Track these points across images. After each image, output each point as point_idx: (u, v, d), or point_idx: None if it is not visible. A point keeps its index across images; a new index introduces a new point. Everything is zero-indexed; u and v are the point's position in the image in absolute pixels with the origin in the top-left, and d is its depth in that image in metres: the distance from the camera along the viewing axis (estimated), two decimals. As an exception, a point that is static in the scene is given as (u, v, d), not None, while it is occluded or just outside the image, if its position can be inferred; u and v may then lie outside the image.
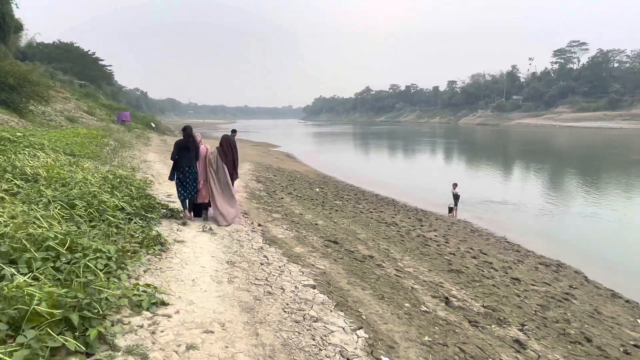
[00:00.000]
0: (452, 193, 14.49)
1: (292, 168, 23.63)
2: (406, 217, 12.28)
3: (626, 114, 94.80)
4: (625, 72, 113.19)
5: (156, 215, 5.95)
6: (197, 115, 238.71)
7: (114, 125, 34.54)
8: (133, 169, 11.79)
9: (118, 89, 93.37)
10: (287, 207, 10.15)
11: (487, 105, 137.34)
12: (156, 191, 9.17)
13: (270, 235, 6.86)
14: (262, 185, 13.52)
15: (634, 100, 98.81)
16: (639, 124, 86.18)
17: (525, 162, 32.81)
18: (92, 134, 19.64)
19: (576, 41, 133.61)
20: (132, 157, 15.82)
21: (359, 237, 8.30)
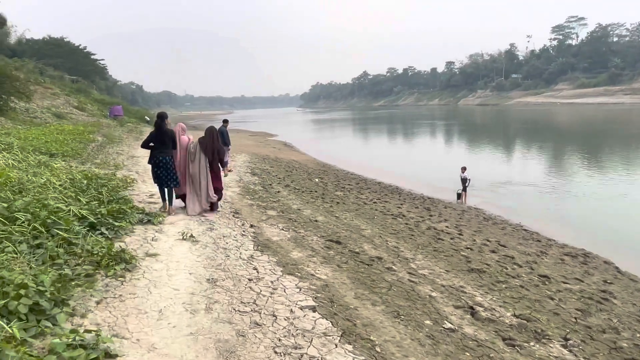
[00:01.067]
0: (460, 178, 13.59)
1: (290, 158, 22.72)
2: (413, 207, 11.41)
3: (627, 89, 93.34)
4: (625, 46, 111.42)
5: (126, 223, 5.07)
6: (194, 107, 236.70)
7: (105, 120, 33.53)
8: (116, 166, 10.90)
9: (112, 84, 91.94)
10: (284, 202, 9.28)
11: (486, 85, 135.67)
12: (137, 191, 8.30)
13: (263, 238, 5.99)
14: (258, 178, 12.63)
15: (634, 74, 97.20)
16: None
17: (528, 142, 31.82)
18: (78, 130, 18.71)
19: (574, 16, 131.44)
20: (119, 153, 14.92)
21: (364, 233, 7.44)
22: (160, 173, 6.69)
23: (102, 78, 75.28)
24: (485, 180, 16.16)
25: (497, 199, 13.86)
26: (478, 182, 14.55)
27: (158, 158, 6.68)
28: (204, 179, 6.79)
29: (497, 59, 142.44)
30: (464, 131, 44.66)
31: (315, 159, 24.41)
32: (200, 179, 6.78)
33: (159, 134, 6.79)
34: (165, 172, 6.69)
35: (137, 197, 7.59)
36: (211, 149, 6.79)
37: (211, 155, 6.80)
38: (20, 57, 47.38)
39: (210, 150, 6.78)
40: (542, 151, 26.75)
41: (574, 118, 56.66)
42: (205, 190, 6.81)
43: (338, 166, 21.41)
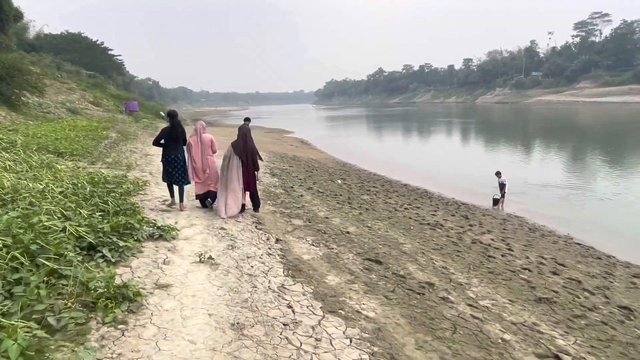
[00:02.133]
0: (498, 183, 12.53)
1: (308, 156, 21.85)
2: (449, 214, 10.42)
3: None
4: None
5: (133, 241, 4.24)
6: (209, 103, 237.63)
7: (121, 116, 33.16)
8: (128, 166, 10.14)
9: (130, 79, 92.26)
10: (309, 209, 8.40)
11: (505, 83, 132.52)
12: (150, 195, 7.50)
13: (292, 257, 5.11)
14: (278, 179, 11.79)
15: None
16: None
17: (557, 142, 30.35)
18: (91, 126, 18.12)
19: (598, 12, 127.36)
20: (133, 151, 14.22)
21: (404, 248, 6.51)
22: (172, 170, 6.71)
23: (119, 74, 75.42)
24: (518, 183, 15.04)
25: (536, 205, 12.76)
26: (511, 185, 13.46)
27: (170, 156, 6.70)
28: (238, 182, 6.62)
29: (517, 56, 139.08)
30: (486, 130, 43.19)
31: (334, 157, 23.49)
32: (235, 183, 6.59)
33: (172, 132, 6.74)
34: (177, 169, 6.71)
35: (149, 203, 6.78)
36: (244, 151, 6.57)
37: (245, 157, 6.57)
38: (39, 52, 47.47)
39: (242, 152, 6.57)
40: (574, 152, 25.38)
41: (601, 117, 54.53)
42: (240, 193, 6.67)
43: (359, 166, 20.46)
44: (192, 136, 6.93)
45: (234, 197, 6.62)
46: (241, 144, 6.63)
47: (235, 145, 6.66)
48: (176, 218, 6.02)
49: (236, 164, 6.60)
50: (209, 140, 6.95)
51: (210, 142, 6.98)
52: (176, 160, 6.70)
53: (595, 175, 17.49)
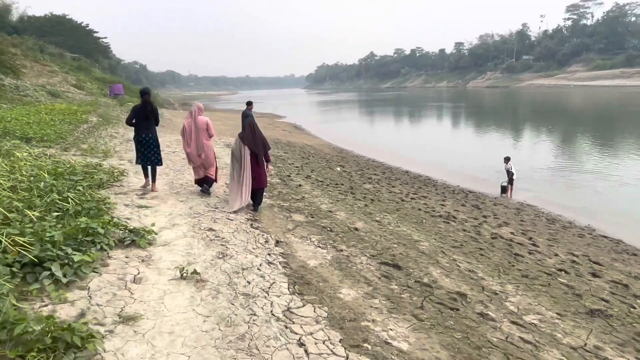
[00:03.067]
0: (505, 170, 11.74)
1: (302, 142, 20.86)
2: (458, 204, 9.60)
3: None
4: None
5: (95, 252, 3.29)
6: (198, 87, 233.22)
7: (104, 99, 31.70)
8: (105, 153, 9.09)
9: (116, 63, 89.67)
10: (310, 201, 7.49)
11: (496, 67, 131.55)
12: (127, 187, 6.51)
13: (297, 264, 4.22)
14: (273, 167, 10.80)
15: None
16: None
17: (555, 126, 29.60)
18: (70, 109, 16.90)
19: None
20: (113, 136, 13.12)
21: (422, 247, 5.66)
22: (144, 150, 6.42)
23: (105, 57, 73.04)
24: (524, 169, 14.25)
25: (547, 192, 12.02)
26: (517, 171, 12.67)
27: (141, 135, 6.43)
28: (248, 175, 6.08)
29: (508, 40, 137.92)
30: (480, 114, 42.42)
31: (329, 143, 22.53)
32: (245, 175, 6.05)
33: (143, 110, 6.45)
34: (149, 149, 6.44)
35: (124, 198, 5.80)
36: (254, 143, 6.11)
37: (257, 149, 6.12)
38: (22, 34, 45.51)
39: (253, 143, 6.10)
40: (575, 135, 24.67)
41: (595, 101, 54.01)
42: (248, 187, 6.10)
43: (356, 152, 19.55)
44: (186, 119, 6.54)
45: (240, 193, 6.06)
46: (250, 136, 6.13)
47: (244, 137, 6.15)
48: (155, 216, 5.07)
49: (248, 158, 6.08)
50: (204, 123, 6.53)
51: (206, 126, 6.56)
52: (148, 141, 6.44)
53: (603, 159, 16.75)
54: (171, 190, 6.61)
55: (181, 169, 8.64)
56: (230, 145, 14.62)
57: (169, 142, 13.22)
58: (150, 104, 6.51)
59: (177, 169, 8.67)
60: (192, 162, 6.56)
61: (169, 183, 7.08)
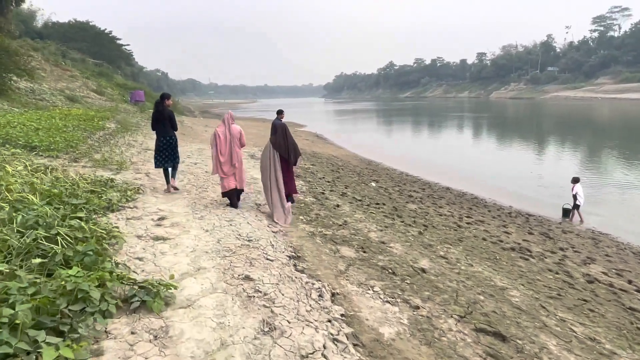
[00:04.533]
0: (572, 193, 10.29)
1: (327, 152, 19.70)
2: (524, 231, 8.24)
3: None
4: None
5: (75, 348, 2.10)
6: (218, 96, 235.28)
7: (125, 106, 31.19)
8: (120, 164, 8.04)
9: (138, 70, 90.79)
10: (355, 227, 6.26)
11: (520, 78, 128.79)
12: (142, 209, 5.37)
13: (368, 335, 3.00)
14: (303, 181, 9.65)
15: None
16: (691, 94, 78.21)
17: (590, 139, 27.76)
18: (87, 115, 16.09)
19: (618, 6, 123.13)
20: (131, 144, 12.15)
21: (514, 299, 4.36)
22: (162, 152, 6.64)
23: (127, 64, 73.63)
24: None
25: (613, 215, 10.53)
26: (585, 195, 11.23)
27: (159, 139, 6.66)
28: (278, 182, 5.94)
29: (532, 51, 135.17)
30: (509, 125, 40.61)
31: (355, 154, 21.32)
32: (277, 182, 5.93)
33: (155, 113, 6.68)
34: (165, 152, 6.64)
35: (138, 225, 4.65)
36: (286, 148, 5.95)
37: (287, 154, 5.97)
38: (46, 40, 45.97)
39: (285, 149, 5.95)
40: (617, 150, 22.86)
41: (631, 114, 51.54)
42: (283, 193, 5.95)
43: (385, 164, 18.29)
44: (219, 127, 6.23)
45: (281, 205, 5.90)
46: (282, 141, 5.95)
47: (275, 142, 5.97)
48: (175, 253, 3.89)
49: (279, 163, 5.96)
50: (238, 132, 6.25)
51: (240, 135, 6.27)
52: (165, 143, 6.65)
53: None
54: (194, 213, 5.46)
55: (204, 185, 7.53)
56: (254, 156, 13.54)
57: (190, 152, 12.21)
58: (164, 108, 6.65)
59: (200, 184, 7.55)
60: (222, 171, 6.12)
61: (191, 204, 5.94)
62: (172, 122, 6.69)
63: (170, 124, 6.67)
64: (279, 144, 5.94)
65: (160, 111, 6.61)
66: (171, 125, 6.69)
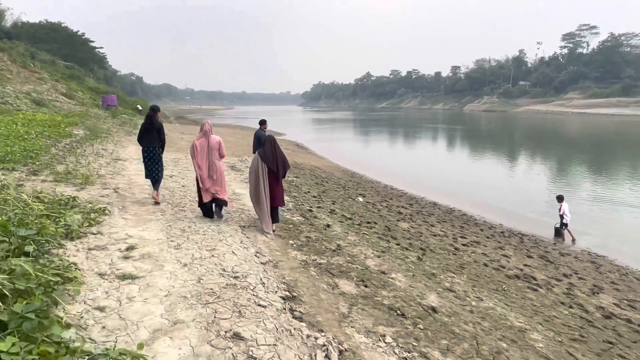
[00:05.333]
0: (559, 212, 10.02)
1: (309, 163, 19.10)
2: (521, 254, 7.82)
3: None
4: (638, 56, 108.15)
5: None
6: (194, 101, 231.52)
7: (96, 110, 29.83)
8: (86, 178, 7.21)
9: (112, 73, 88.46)
10: (350, 252, 5.65)
11: (492, 92, 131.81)
12: (108, 236, 4.61)
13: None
14: (289, 196, 9.00)
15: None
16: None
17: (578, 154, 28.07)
18: (54, 120, 15.03)
19: (586, 25, 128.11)
20: (100, 154, 11.24)
21: (537, 345, 3.84)
22: (147, 163, 6.56)
23: (100, 67, 71.40)
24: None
25: (607, 236, 10.27)
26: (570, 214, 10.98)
27: (143, 149, 6.59)
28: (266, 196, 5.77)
29: (505, 65, 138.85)
30: (484, 138, 41.06)
31: (337, 164, 20.80)
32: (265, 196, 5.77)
33: (146, 124, 6.59)
34: (154, 163, 6.57)
35: (102, 259, 3.89)
36: (274, 161, 5.78)
37: (276, 167, 5.80)
38: (15, 40, 43.86)
39: (273, 161, 5.77)
40: (593, 163, 23.15)
41: (600, 128, 53.10)
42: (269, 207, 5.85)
43: (368, 176, 17.84)
44: (198, 138, 6.00)
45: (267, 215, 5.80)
46: (270, 154, 5.76)
47: (263, 155, 5.78)
48: (145, 300, 3.18)
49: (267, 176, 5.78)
50: (217, 142, 6.06)
51: (219, 145, 6.08)
52: (147, 153, 6.56)
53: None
54: (169, 240, 4.74)
55: (181, 202, 6.79)
56: (235, 167, 12.81)
57: (165, 163, 11.35)
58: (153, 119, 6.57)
59: (176, 202, 6.81)
60: (202, 184, 5.90)
61: (165, 228, 5.21)
62: (160, 134, 6.62)
63: (158, 136, 6.61)
64: (267, 156, 5.76)
65: (152, 122, 6.55)
66: (159, 137, 6.62)
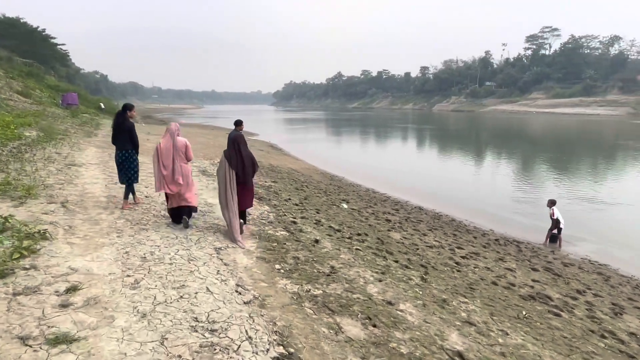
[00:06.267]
0: (550, 217, 9.52)
1: (285, 165, 18.16)
2: (526, 266, 7.18)
3: (602, 100, 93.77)
4: (598, 58, 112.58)
5: None
6: (162, 100, 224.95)
7: (54, 109, 27.79)
8: (28, 190, 6.05)
9: (75, 71, 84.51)
10: (347, 276, 4.81)
11: (460, 92, 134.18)
12: (44, 268, 3.58)
13: None
14: (268, 205, 8.07)
15: (607, 86, 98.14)
16: (615, 110, 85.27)
17: (548, 152, 28.31)
18: (2, 121, 13.48)
19: (548, 27, 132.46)
20: (52, 158, 9.95)
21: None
22: (123, 167, 6.23)
23: (62, 65, 67.98)
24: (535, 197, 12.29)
25: (604, 240, 9.84)
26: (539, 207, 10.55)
27: (116, 152, 6.26)
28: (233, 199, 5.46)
29: (472, 66, 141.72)
30: (459, 138, 41.16)
31: (315, 166, 19.94)
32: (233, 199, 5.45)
33: (115, 124, 6.29)
34: (129, 166, 6.25)
35: (31, 307, 2.89)
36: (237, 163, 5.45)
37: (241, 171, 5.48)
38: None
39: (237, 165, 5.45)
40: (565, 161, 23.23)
41: (571, 127, 54.43)
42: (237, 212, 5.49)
43: (348, 178, 17.08)
44: (163, 138, 5.66)
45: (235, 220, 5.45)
46: (235, 156, 5.47)
47: (229, 157, 5.49)
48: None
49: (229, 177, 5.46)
50: (183, 145, 5.70)
51: (185, 148, 5.71)
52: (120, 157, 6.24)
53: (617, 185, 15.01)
54: (125, 273, 3.75)
55: (143, 219, 5.76)
56: (206, 171, 11.74)
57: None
58: (124, 119, 6.24)
59: (137, 218, 5.76)
60: (168, 187, 5.53)
61: (122, 254, 4.21)
62: (131, 136, 6.27)
63: (129, 137, 6.25)
64: (231, 158, 5.46)
65: (120, 123, 6.20)
66: (130, 139, 6.26)
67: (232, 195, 5.42)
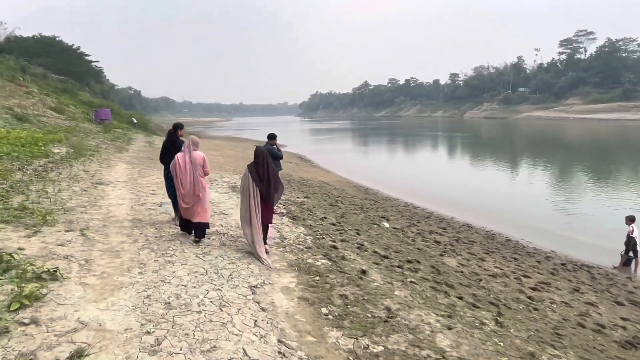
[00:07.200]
0: (628, 235, 8.35)
1: (316, 178, 17.43)
2: (608, 300, 6.11)
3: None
4: (637, 61, 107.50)
5: None
6: (192, 114, 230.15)
7: (86, 125, 28.15)
8: (44, 216, 5.50)
9: (109, 87, 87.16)
10: (408, 321, 3.96)
11: (492, 98, 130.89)
12: (45, 324, 2.91)
13: None
14: (303, 226, 7.30)
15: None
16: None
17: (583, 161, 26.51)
18: (31, 137, 13.35)
19: (583, 30, 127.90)
20: (79, 176, 9.54)
21: None
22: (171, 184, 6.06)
23: (97, 81, 70.16)
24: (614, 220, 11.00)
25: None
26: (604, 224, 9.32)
27: (168, 169, 6.11)
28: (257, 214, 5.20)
29: (504, 72, 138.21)
30: (498, 146, 39.39)
31: (346, 179, 19.14)
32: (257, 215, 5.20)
33: (167, 143, 6.43)
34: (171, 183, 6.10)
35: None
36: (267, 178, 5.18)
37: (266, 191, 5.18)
38: (6, 54, 42.68)
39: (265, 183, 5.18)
40: (615, 172, 21.50)
41: (617, 134, 51.61)
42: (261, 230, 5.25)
43: (383, 191, 16.18)
44: (179, 154, 5.60)
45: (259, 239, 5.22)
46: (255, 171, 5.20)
47: (251, 171, 5.21)
48: None
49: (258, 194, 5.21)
50: (200, 158, 5.64)
51: (203, 162, 5.65)
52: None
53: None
54: (143, 330, 3.04)
55: (169, 249, 5.09)
56: (235, 187, 11.11)
57: (155, 185, 9.62)
58: (177, 138, 6.37)
59: (163, 248, 5.09)
60: (184, 202, 5.52)
61: (141, 301, 3.51)
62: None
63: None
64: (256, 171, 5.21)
65: (173, 141, 6.35)
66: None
67: (257, 211, 5.23)
